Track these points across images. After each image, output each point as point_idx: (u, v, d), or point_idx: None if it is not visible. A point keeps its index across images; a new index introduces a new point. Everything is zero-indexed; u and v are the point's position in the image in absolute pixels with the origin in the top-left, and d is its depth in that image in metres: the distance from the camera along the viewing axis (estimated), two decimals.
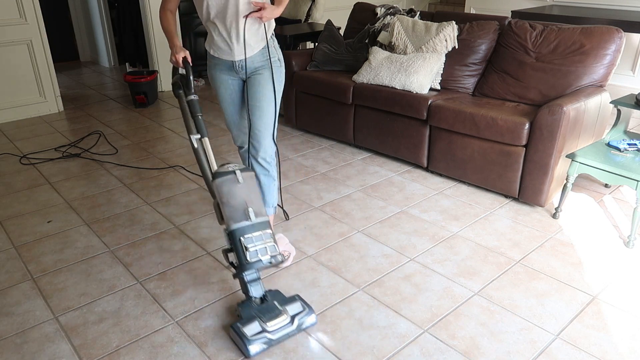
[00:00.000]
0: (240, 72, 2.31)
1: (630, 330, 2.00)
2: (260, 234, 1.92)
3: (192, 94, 2.15)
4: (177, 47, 2.19)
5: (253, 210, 1.94)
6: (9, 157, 3.75)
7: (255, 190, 2.00)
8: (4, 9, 4.27)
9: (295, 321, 1.94)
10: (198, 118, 2.11)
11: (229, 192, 1.93)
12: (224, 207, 1.93)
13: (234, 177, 1.96)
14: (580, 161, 2.67)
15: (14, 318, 2.09)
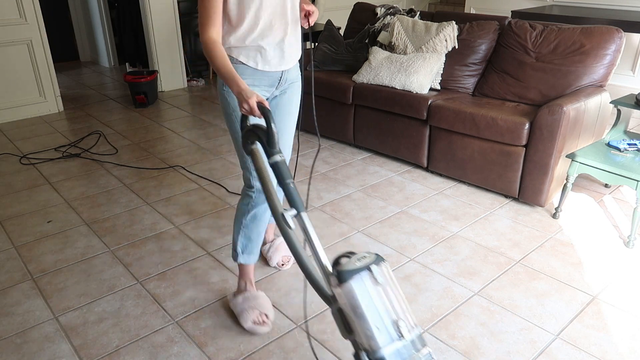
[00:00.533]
0: (282, 85, 1.98)
1: (630, 330, 2.00)
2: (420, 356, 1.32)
3: (278, 153, 1.56)
4: (247, 91, 1.63)
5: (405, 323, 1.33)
6: (9, 157, 3.75)
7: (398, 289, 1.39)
8: (4, 9, 4.27)
9: None
10: (289, 187, 1.54)
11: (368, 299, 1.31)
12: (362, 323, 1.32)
13: (370, 275, 1.34)
14: (580, 161, 2.67)
15: (14, 318, 2.09)
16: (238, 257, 2.08)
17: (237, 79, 1.67)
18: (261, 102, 1.60)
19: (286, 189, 1.54)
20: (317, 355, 1.88)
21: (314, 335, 1.98)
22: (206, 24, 1.77)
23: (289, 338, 1.97)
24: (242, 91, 1.63)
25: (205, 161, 3.63)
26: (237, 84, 1.66)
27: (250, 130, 1.63)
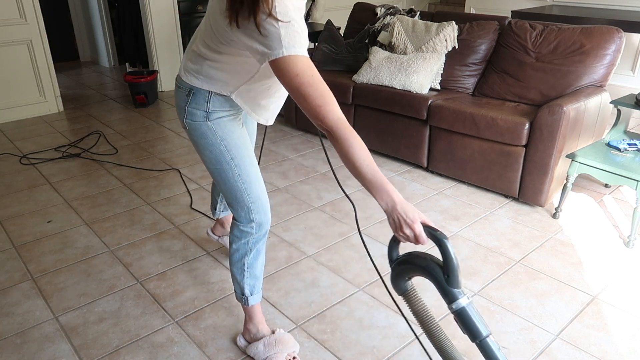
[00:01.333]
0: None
1: (630, 330, 2.00)
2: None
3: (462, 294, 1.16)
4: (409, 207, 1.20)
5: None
6: (9, 157, 3.75)
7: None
8: (4, 9, 4.27)
9: None
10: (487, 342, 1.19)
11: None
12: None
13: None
14: (580, 161, 2.67)
15: (14, 318, 2.09)
16: (249, 301, 1.84)
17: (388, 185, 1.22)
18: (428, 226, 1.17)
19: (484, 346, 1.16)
20: (318, 355, 1.88)
21: (313, 335, 1.98)
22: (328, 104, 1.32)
23: None
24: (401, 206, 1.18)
25: None
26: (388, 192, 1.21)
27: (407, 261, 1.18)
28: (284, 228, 2.74)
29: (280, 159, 3.66)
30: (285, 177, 3.35)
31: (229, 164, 1.66)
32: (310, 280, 2.31)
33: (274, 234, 2.69)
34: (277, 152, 3.77)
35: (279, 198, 3.07)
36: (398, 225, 1.17)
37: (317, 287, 2.26)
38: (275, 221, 2.81)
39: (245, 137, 1.71)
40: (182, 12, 5.45)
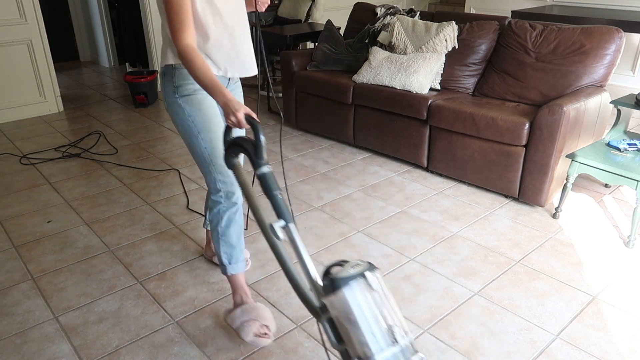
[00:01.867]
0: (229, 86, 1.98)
1: (630, 330, 2.00)
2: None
3: (265, 164, 1.52)
4: (234, 102, 1.57)
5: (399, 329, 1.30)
6: (9, 157, 3.75)
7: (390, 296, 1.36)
8: (4, 9, 4.27)
9: None
10: (277, 197, 1.52)
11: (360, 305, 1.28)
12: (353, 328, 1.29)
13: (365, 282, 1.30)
14: (580, 161, 2.67)
15: (14, 318, 2.09)
16: (227, 270, 1.99)
17: (223, 89, 1.60)
18: (249, 114, 1.56)
19: (274, 200, 1.52)
20: (318, 355, 1.88)
21: (313, 335, 1.98)
22: (180, 29, 1.65)
23: (289, 338, 1.97)
24: (230, 102, 1.56)
25: None
26: (223, 94, 1.59)
27: (234, 142, 1.58)
28: None
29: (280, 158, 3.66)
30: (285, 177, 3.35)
31: (196, 138, 1.87)
32: None
33: None
34: (277, 152, 3.77)
35: None
36: (227, 114, 1.57)
37: None
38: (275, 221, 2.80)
39: (214, 114, 1.87)
40: None
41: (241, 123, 1.56)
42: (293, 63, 3.98)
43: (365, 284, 1.30)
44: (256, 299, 2.19)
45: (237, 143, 1.57)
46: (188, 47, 1.64)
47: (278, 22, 5.47)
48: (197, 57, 1.64)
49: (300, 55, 4.04)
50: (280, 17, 5.48)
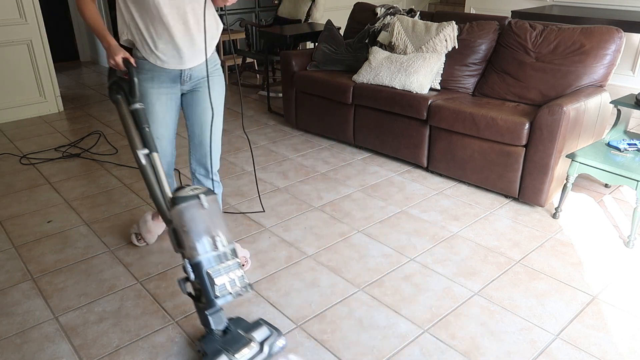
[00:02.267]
0: (187, 82, 2.06)
1: (630, 330, 2.00)
2: (229, 264, 1.73)
3: (137, 102, 1.87)
4: (114, 47, 1.86)
5: (220, 239, 1.73)
6: (9, 157, 3.75)
7: (220, 214, 1.77)
8: (4, 9, 4.27)
9: (265, 347, 1.80)
10: (145, 130, 1.85)
11: (192, 219, 1.70)
12: (186, 236, 1.70)
13: (198, 202, 1.72)
14: (580, 161, 2.67)
15: (14, 318, 2.09)
16: None
17: (107, 35, 1.87)
18: (127, 59, 1.87)
19: (142, 133, 1.85)
20: (318, 355, 1.88)
21: (313, 335, 1.98)
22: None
23: (289, 338, 1.97)
24: (111, 47, 1.86)
25: None
26: (107, 40, 1.87)
27: (115, 82, 1.92)
28: (284, 228, 2.74)
29: (280, 159, 3.66)
30: (285, 177, 3.35)
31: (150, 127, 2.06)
32: (310, 280, 2.31)
33: (274, 234, 2.69)
34: (277, 152, 3.77)
35: (279, 198, 3.07)
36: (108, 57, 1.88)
37: (317, 287, 2.26)
38: (275, 221, 2.81)
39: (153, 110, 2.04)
40: None
41: (119, 65, 1.87)
42: (293, 63, 3.98)
43: (198, 203, 1.72)
44: (256, 299, 2.19)
45: (118, 83, 1.91)
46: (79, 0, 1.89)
47: (278, 22, 5.47)
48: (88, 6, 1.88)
49: (300, 55, 4.04)
50: (280, 17, 5.48)
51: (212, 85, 2.08)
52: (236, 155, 3.73)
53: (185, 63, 1.99)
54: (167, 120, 2.10)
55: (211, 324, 1.77)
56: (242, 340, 1.79)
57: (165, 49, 1.93)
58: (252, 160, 3.30)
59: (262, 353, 1.79)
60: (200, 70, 2.05)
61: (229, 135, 4.12)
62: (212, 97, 2.08)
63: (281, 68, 4.08)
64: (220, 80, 2.12)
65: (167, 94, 2.05)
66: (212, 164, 2.19)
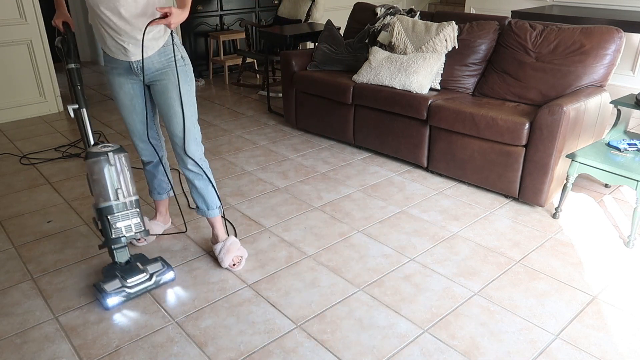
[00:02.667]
0: (141, 74, 2.15)
1: (630, 330, 2.00)
2: (127, 212, 2.07)
3: (72, 62, 2.11)
4: (59, 13, 2.14)
5: (122, 191, 2.07)
6: (9, 157, 3.75)
7: (126, 171, 2.09)
8: (4, 9, 4.27)
9: (154, 277, 2.21)
10: (77, 88, 2.11)
11: (100, 171, 2.03)
12: (94, 185, 2.05)
13: (106, 158, 2.03)
14: (580, 161, 2.67)
15: (14, 318, 2.09)
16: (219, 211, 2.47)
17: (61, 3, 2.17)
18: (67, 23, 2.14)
19: (75, 90, 2.10)
20: (318, 355, 1.88)
21: (313, 335, 1.98)
22: None
23: (289, 338, 1.97)
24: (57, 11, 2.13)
25: None
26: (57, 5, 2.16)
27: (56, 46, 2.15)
28: (284, 228, 2.74)
29: (280, 159, 3.66)
30: (285, 177, 3.35)
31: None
32: (310, 280, 2.31)
33: (274, 234, 2.69)
34: (277, 152, 3.77)
35: (279, 198, 3.07)
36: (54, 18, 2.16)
37: (317, 287, 2.26)
38: (275, 221, 2.81)
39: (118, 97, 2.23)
40: None
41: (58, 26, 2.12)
42: (293, 63, 3.98)
43: (106, 160, 2.03)
44: (256, 299, 2.19)
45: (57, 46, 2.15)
46: None
47: (278, 22, 5.47)
48: None
49: (300, 55, 4.04)
50: (280, 17, 5.48)
51: (168, 77, 2.15)
52: (236, 155, 3.72)
53: (129, 56, 2.09)
54: (134, 106, 2.25)
55: (115, 257, 2.17)
56: (136, 270, 2.18)
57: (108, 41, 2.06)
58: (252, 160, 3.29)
59: (150, 281, 2.20)
60: (153, 63, 2.12)
61: (228, 135, 4.12)
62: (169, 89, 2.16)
63: (281, 68, 4.08)
64: (181, 70, 2.16)
65: (127, 82, 2.19)
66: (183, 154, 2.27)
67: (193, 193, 2.38)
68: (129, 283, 2.14)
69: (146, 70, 2.13)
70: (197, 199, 2.38)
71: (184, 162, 2.28)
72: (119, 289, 2.11)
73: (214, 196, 2.38)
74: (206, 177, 2.33)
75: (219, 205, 2.41)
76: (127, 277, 2.14)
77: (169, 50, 2.13)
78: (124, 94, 2.22)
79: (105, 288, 2.10)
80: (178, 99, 2.18)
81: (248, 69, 5.77)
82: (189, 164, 2.28)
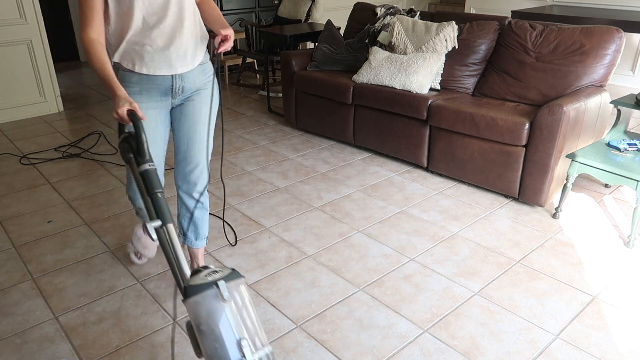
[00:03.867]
0: (178, 95, 1.93)
1: (630, 330, 2.00)
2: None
3: (148, 162, 1.55)
4: (120, 98, 1.61)
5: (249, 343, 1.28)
6: (9, 157, 3.75)
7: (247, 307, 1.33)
8: (4, 9, 4.27)
9: None
10: (157, 196, 1.49)
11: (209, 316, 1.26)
12: (203, 339, 1.27)
13: (217, 292, 1.28)
14: (580, 161, 2.67)
15: (14, 318, 2.09)
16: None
17: (115, 84, 1.64)
18: (133, 110, 1.60)
19: (153, 199, 1.49)
20: (318, 355, 1.88)
21: (313, 335, 1.98)
22: (84, 24, 1.71)
23: (289, 338, 1.97)
24: (117, 97, 1.61)
25: None
26: (113, 89, 1.63)
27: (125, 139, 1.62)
28: (284, 228, 2.74)
29: (280, 159, 3.66)
30: (285, 177, 3.35)
31: None
32: (310, 280, 2.31)
33: (274, 234, 2.69)
34: (277, 152, 3.77)
35: (279, 198, 3.07)
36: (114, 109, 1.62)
37: (317, 287, 2.27)
38: (275, 221, 2.81)
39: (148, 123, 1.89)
40: None
41: (123, 118, 1.60)
42: (293, 63, 3.98)
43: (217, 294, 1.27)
44: (256, 299, 2.19)
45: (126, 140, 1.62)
46: (90, 39, 1.70)
47: (278, 22, 5.47)
48: (96, 50, 1.69)
49: (300, 55, 4.04)
50: (280, 17, 5.48)
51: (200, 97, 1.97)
52: (236, 155, 3.73)
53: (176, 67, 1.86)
54: (156, 137, 1.96)
55: None
56: None
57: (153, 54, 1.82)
58: (252, 160, 3.30)
59: None
60: (193, 81, 1.93)
61: (228, 135, 4.12)
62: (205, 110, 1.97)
63: (281, 68, 4.08)
64: (216, 88, 1.99)
65: (156, 108, 1.92)
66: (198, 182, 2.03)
67: (184, 221, 2.16)
68: None
69: (186, 89, 1.93)
70: (189, 228, 2.17)
71: (193, 192, 2.06)
72: None
73: (206, 226, 2.20)
74: (206, 206, 2.17)
75: (207, 235, 2.24)
76: None
77: (209, 68, 1.97)
78: (149, 121, 1.91)
79: None
80: (206, 123, 1.97)
81: (248, 69, 5.77)
82: (196, 193, 2.07)
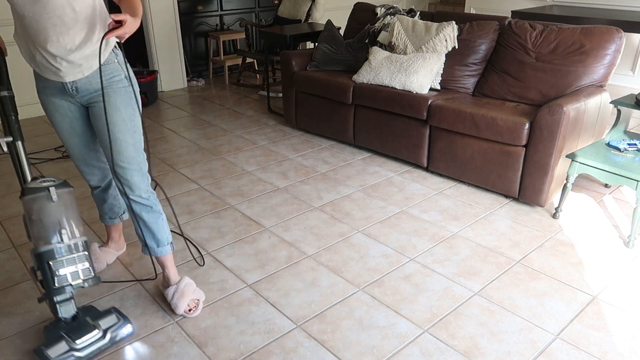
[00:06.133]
0: (77, 96, 1.88)
1: (630, 330, 2.00)
2: (73, 256, 1.75)
3: (5, 89, 1.86)
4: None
5: (67, 232, 1.75)
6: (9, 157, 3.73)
7: (71, 208, 1.82)
8: (4, 9, 4.26)
9: (108, 334, 1.84)
10: (11, 118, 1.84)
11: (39, 210, 1.72)
12: (32, 226, 1.73)
13: (47, 194, 1.74)
14: (580, 161, 2.67)
15: (14, 318, 2.09)
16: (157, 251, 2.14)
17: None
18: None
19: (9, 120, 1.85)
20: (318, 355, 1.88)
21: (313, 335, 1.98)
22: None
23: (289, 338, 1.97)
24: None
25: (205, 161, 3.63)
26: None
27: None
28: (284, 228, 2.74)
29: (280, 159, 3.66)
30: (285, 177, 3.35)
31: None
32: (310, 280, 2.31)
33: (274, 234, 2.69)
34: (277, 152, 3.77)
35: (279, 198, 3.07)
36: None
37: (317, 287, 2.27)
38: (275, 221, 2.81)
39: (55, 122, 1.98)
40: (182, 12, 5.45)
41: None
42: (293, 63, 3.98)
43: (47, 195, 1.75)
44: (256, 299, 2.19)
45: None
46: None
47: (278, 22, 5.47)
48: None
49: (300, 55, 4.04)
50: (280, 17, 5.48)
51: (108, 98, 1.86)
52: (236, 155, 3.72)
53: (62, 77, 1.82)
54: (74, 129, 1.99)
55: (58, 312, 1.79)
56: (86, 327, 1.82)
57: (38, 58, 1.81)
58: (252, 160, 3.29)
59: (104, 339, 1.83)
60: (91, 83, 1.85)
61: (228, 135, 4.12)
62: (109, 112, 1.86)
63: (281, 68, 4.08)
64: (122, 91, 1.88)
65: (63, 103, 1.92)
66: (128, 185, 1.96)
67: (140, 229, 2.04)
68: (78, 345, 1.76)
69: (84, 91, 1.86)
70: (145, 235, 2.05)
71: (129, 195, 1.97)
72: (66, 353, 1.73)
73: (165, 230, 2.07)
74: (156, 210, 2.02)
75: (170, 241, 2.10)
76: (76, 337, 1.77)
77: (111, 69, 1.85)
78: (61, 116, 1.94)
79: (48, 354, 1.70)
80: (120, 123, 1.87)
81: (248, 69, 5.77)
82: (133, 196, 1.97)
